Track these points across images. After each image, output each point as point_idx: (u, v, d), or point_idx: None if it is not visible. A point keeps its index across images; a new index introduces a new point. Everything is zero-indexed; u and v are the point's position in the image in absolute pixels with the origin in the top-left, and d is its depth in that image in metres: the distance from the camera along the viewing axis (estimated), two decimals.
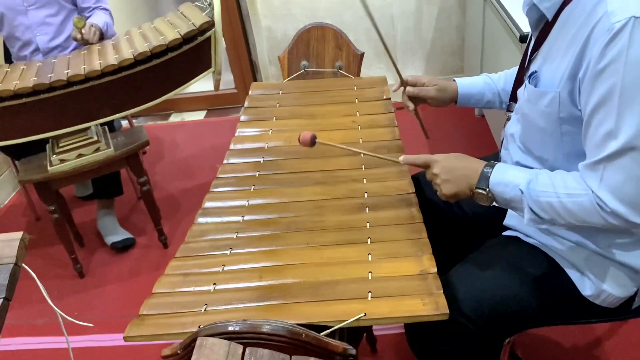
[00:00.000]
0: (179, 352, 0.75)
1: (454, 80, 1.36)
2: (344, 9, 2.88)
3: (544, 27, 1.02)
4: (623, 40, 0.81)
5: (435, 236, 1.21)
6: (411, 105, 1.35)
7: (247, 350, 0.68)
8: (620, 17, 0.82)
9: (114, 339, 1.86)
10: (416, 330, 1.13)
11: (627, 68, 0.82)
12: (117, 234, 2.28)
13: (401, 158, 1.13)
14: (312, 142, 1.18)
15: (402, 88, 1.36)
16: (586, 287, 1.05)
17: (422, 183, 1.38)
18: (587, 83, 0.87)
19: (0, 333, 0.84)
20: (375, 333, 1.63)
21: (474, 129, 2.72)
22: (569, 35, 0.93)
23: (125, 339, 0.90)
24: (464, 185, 1.02)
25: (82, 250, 2.30)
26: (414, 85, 1.35)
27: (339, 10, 2.88)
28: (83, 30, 2.00)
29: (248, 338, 0.70)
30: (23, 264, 0.93)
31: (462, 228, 1.32)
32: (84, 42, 2.04)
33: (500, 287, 1.07)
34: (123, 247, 2.25)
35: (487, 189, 1.00)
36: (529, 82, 1.02)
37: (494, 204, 1.03)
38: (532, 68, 1.04)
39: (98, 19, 2.19)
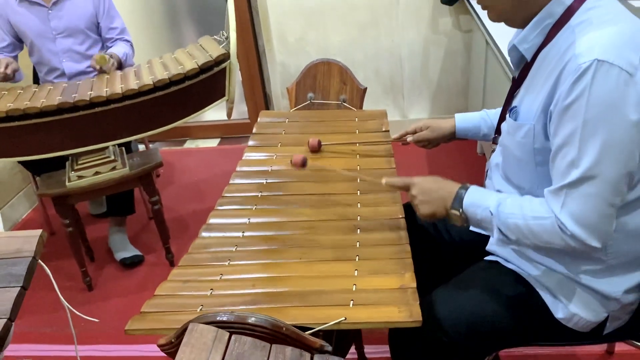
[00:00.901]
0: (172, 340, 0.84)
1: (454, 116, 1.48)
2: (355, 48, 3.02)
3: (524, 66, 1.13)
4: (587, 79, 0.91)
5: (423, 259, 1.30)
6: (426, 145, 1.51)
7: (233, 337, 0.76)
8: (586, 58, 0.92)
9: (119, 350, 1.94)
10: (399, 345, 1.21)
11: (589, 104, 0.91)
12: (126, 251, 2.38)
13: (383, 180, 1.24)
14: (304, 163, 1.29)
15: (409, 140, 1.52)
16: (559, 310, 1.12)
17: (413, 210, 1.46)
18: (556, 116, 0.97)
19: (14, 320, 0.93)
20: (367, 356, 1.69)
21: (475, 166, 2.81)
22: (545, 73, 1.03)
23: (126, 332, 0.99)
24: (440, 206, 1.12)
25: (93, 264, 2.40)
26: (413, 133, 1.51)
27: (350, 49, 3.02)
28: (103, 67, 2.14)
29: (235, 327, 0.79)
30: (40, 261, 1.03)
31: (448, 252, 1.40)
32: (101, 72, 2.18)
33: (478, 307, 1.14)
34: (131, 263, 2.35)
35: (461, 210, 1.09)
36: (509, 116, 1.12)
37: (467, 224, 1.12)
38: (514, 103, 1.15)
39: (119, 49, 2.35)
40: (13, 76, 2.20)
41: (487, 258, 1.26)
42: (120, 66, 2.30)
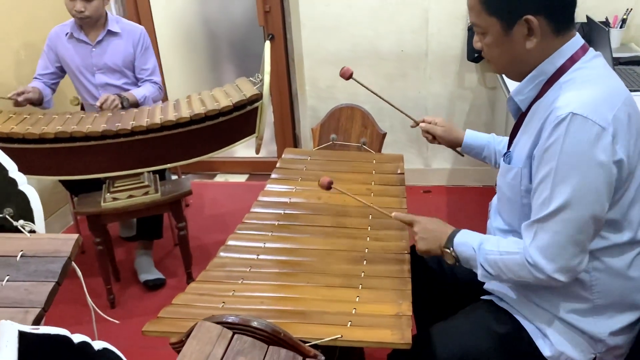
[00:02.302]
0: (183, 339, 0.93)
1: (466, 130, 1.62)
2: None
3: (520, 116, 1.24)
4: (561, 130, 1.03)
5: (427, 295, 1.39)
6: (429, 137, 1.65)
7: (235, 336, 0.86)
8: (563, 111, 1.04)
9: None
10: None
11: (562, 151, 1.03)
12: (150, 273, 2.50)
13: (393, 214, 1.37)
14: (329, 186, 1.43)
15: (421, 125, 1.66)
16: (546, 348, 1.18)
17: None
18: (537, 159, 1.09)
19: (47, 311, 1.04)
20: None
21: None
22: (534, 123, 1.14)
23: (143, 332, 1.10)
24: (436, 245, 1.25)
25: (117, 284, 2.52)
26: (429, 122, 1.65)
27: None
28: (103, 105, 2.31)
29: (239, 328, 0.88)
30: (73, 263, 1.15)
31: (450, 291, 1.47)
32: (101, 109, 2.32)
33: (470, 343, 1.21)
34: (154, 285, 2.46)
35: (451, 249, 1.22)
36: (503, 160, 1.23)
37: (458, 262, 1.23)
38: (510, 149, 1.25)
39: (139, 91, 2.52)
40: (27, 105, 2.36)
41: (483, 297, 1.33)
42: (136, 106, 2.44)
